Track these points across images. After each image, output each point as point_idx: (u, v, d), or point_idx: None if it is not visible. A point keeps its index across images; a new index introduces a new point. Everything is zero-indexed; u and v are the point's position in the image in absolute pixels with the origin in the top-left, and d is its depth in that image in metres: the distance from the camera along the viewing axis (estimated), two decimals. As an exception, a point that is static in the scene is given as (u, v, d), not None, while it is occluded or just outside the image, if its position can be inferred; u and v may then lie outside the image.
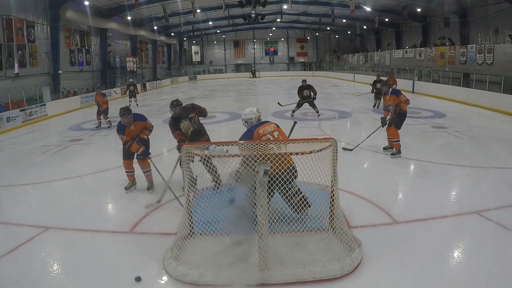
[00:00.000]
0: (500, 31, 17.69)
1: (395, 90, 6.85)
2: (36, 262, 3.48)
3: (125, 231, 4.05)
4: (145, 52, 31.32)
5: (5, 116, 11.63)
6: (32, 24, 15.97)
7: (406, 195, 5.10)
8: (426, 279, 3.02)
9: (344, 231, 3.44)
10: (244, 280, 2.97)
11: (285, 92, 21.93)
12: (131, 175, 5.34)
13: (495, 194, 4.76)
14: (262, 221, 3.01)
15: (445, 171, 5.82)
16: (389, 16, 26.33)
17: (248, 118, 4.03)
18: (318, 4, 26.99)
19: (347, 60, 36.22)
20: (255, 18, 25.94)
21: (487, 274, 3.09)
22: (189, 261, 3.21)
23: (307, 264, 3.09)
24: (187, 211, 3.51)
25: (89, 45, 21.47)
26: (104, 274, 3.24)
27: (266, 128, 3.87)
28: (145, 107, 16.11)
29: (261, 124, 3.96)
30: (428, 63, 20.87)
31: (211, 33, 39.31)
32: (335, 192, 3.44)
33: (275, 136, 3.84)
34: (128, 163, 5.27)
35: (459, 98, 14.36)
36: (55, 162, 7.39)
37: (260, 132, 3.81)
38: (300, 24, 37.88)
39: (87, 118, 13.13)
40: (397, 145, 6.63)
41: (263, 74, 40.44)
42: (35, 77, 16.14)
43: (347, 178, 5.40)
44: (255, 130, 3.84)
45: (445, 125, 9.61)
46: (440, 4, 19.91)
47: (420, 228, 3.93)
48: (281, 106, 11.88)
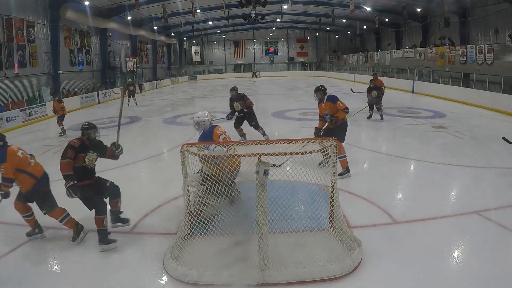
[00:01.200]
0: (500, 31, 17.70)
1: (331, 96, 5.69)
2: (36, 262, 3.48)
3: (125, 231, 4.05)
4: (145, 52, 31.33)
5: (5, 116, 11.63)
6: (32, 24, 15.97)
7: (406, 195, 5.10)
8: (426, 279, 3.02)
9: (344, 231, 3.44)
10: (244, 280, 2.97)
11: (285, 92, 21.93)
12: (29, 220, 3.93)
13: (495, 194, 4.76)
14: (262, 221, 3.01)
15: (445, 171, 5.82)
16: (389, 16, 26.33)
17: (201, 120, 4.11)
18: (318, 4, 26.99)
19: (347, 60, 36.22)
20: (255, 18, 25.95)
21: (487, 274, 3.09)
22: (189, 261, 3.21)
23: (307, 264, 3.09)
24: (187, 211, 3.52)
25: (89, 45, 21.47)
26: (104, 274, 3.25)
27: (220, 129, 4.06)
28: (145, 107, 16.12)
29: (215, 126, 4.11)
30: (428, 63, 20.87)
31: (211, 33, 39.31)
32: (335, 192, 3.44)
33: (227, 136, 4.09)
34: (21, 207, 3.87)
35: (459, 98, 14.36)
36: (55, 162, 7.36)
37: (217, 132, 3.99)
38: (300, 24, 37.89)
39: (87, 118, 13.11)
40: (344, 162, 5.45)
41: (263, 74, 40.44)
42: (35, 77, 16.14)
43: (347, 178, 5.41)
44: (213, 130, 4.01)
45: (445, 125, 9.61)
46: (440, 4, 19.91)
47: (420, 228, 3.93)
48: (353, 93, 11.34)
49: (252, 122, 7.85)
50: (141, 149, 7.91)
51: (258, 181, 2.94)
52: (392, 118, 11.12)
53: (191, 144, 3.49)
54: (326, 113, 5.61)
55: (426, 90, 17.58)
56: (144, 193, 5.27)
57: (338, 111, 5.51)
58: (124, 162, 6.87)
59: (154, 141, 9.06)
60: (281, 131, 9.74)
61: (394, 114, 11.80)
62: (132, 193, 5.27)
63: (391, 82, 22.08)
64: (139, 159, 7.18)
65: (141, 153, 7.53)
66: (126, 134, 9.94)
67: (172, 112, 13.91)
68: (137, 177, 6.37)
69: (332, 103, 5.55)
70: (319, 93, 5.80)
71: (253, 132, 8.03)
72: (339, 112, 5.52)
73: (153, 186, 5.66)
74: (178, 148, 3.60)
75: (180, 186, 3.61)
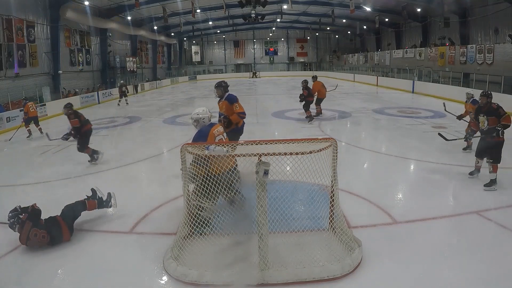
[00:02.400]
0: (500, 31, 17.69)
1: (231, 95, 5.24)
2: (36, 262, 3.48)
3: (125, 231, 4.05)
4: (145, 52, 31.33)
5: (5, 116, 11.63)
6: (32, 24, 15.97)
7: (406, 195, 5.10)
8: (426, 279, 3.02)
9: (344, 231, 3.44)
10: (244, 280, 2.97)
11: (285, 92, 21.93)
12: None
13: (495, 194, 4.76)
14: (262, 221, 3.01)
15: (445, 171, 5.82)
16: (389, 16, 26.33)
17: (200, 117, 3.94)
18: (318, 4, 27.00)
19: (347, 60, 36.22)
20: (255, 18, 25.94)
21: (487, 274, 3.09)
22: (189, 261, 3.21)
23: (307, 264, 3.09)
24: (187, 211, 3.51)
25: (89, 45, 21.48)
26: (104, 274, 3.24)
27: (218, 129, 3.92)
28: (145, 107, 16.12)
29: (213, 124, 3.96)
30: (428, 63, 20.88)
31: (211, 33, 39.31)
32: (335, 192, 3.44)
33: (225, 137, 3.98)
34: None
35: (459, 98, 14.34)
36: (55, 162, 7.39)
37: (214, 132, 3.83)
38: (300, 24, 37.88)
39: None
40: None
41: (263, 74, 40.44)
42: (35, 77, 16.15)
43: (347, 178, 5.40)
44: (210, 130, 3.85)
45: (445, 125, 9.61)
46: (440, 4, 19.92)
47: (420, 228, 3.93)
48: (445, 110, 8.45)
49: None
50: (141, 149, 7.91)
51: (258, 181, 2.94)
52: (392, 118, 11.12)
53: (191, 144, 3.49)
54: (221, 113, 5.23)
55: (426, 90, 17.58)
56: (144, 193, 5.27)
57: (233, 114, 5.12)
58: (124, 162, 6.91)
59: (154, 141, 9.04)
60: (281, 131, 9.74)
61: (394, 114, 11.80)
62: (132, 193, 5.29)
63: (391, 82, 22.11)
64: (139, 159, 7.18)
65: (141, 153, 7.53)
66: (126, 134, 9.96)
67: (172, 112, 13.91)
68: (137, 177, 6.37)
69: (229, 103, 5.13)
70: (219, 89, 5.27)
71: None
72: (234, 115, 5.13)
73: (153, 186, 5.65)
74: (178, 148, 3.60)
75: (180, 186, 3.61)
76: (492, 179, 4.91)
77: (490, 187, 4.88)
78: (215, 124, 4.03)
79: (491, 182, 4.91)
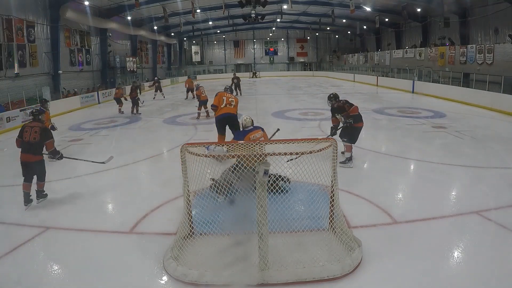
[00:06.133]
0: (500, 31, 17.69)
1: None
2: (36, 262, 3.48)
3: (125, 231, 4.05)
4: (145, 52, 31.32)
5: (5, 116, 11.62)
6: (32, 24, 15.97)
7: (406, 195, 5.10)
8: (426, 279, 3.02)
9: (344, 231, 3.44)
10: (244, 280, 2.97)
11: (285, 92, 21.93)
12: None
13: (495, 194, 4.76)
14: (262, 221, 3.01)
15: (445, 171, 5.82)
16: (389, 16, 26.33)
17: (245, 124, 5.12)
18: (318, 4, 26.99)
19: (347, 60, 36.21)
20: (255, 18, 25.91)
21: (487, 274, 3.09)
22: (189, 261, 3.21)
23: (307, 264, 3.09)
24: (187, 211, 3.52)
25: (89, 45, 21.47)
26: (104, 274, 3.24)
27: (255, 135, 4.91)
28: (145, 107, 16.09)
29: (252, 130, 5.01)
30: (428, 63, 20.87)
31: (211, 33, 39.31)
32: (335, 192, 3.44)
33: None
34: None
35: (459, 98, 14.37)
36: (55, 162, 7.37)
37: (251, 137, 4.81)
38: (300, 24, 37.87)
39: (87, 118, 13.12)
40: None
41: (263, 74, 40.43)
42: (35, 77, 16.14)
43: (347, 178, 5.41)
44: (247, 134, 4.88)
45: (445, 125, 9.61)
46: (440, 4, 19.92)
47: (420, 228, 3.94)
48: None
49: None
50: (141, 149, 7.90)
51: (258, 181, 2.94)
52: (392, 118, 11.12)
53: (191, 144, 3.49)
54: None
55: (426, 90, 17.58)
56: (144, 193, 5.27)
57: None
58: (124, 162, 6.90)
59: (154, 141, 9.04)
60: (281, 131, 9.70)
61: (394, 114, 11.80)
62: (132, 193, 5.29)
63: (391, 82, 22.11)
64: (139, 159, 7.18)
65: (141, 153, 7.53)
66: (126, 134, 9.96)
67: (172, 112, 13.92)
68: (137, 177, 6.37)
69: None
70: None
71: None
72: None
73: (153, 186, 5.65)
74: (178, 148, 3.61)
75: (180, 186, 3.61)
76: (348, 157, 6.10)
77: (345, 164, 6.04)
78: (255, 129, 5.02)
79: (346, 160, 6.10)
